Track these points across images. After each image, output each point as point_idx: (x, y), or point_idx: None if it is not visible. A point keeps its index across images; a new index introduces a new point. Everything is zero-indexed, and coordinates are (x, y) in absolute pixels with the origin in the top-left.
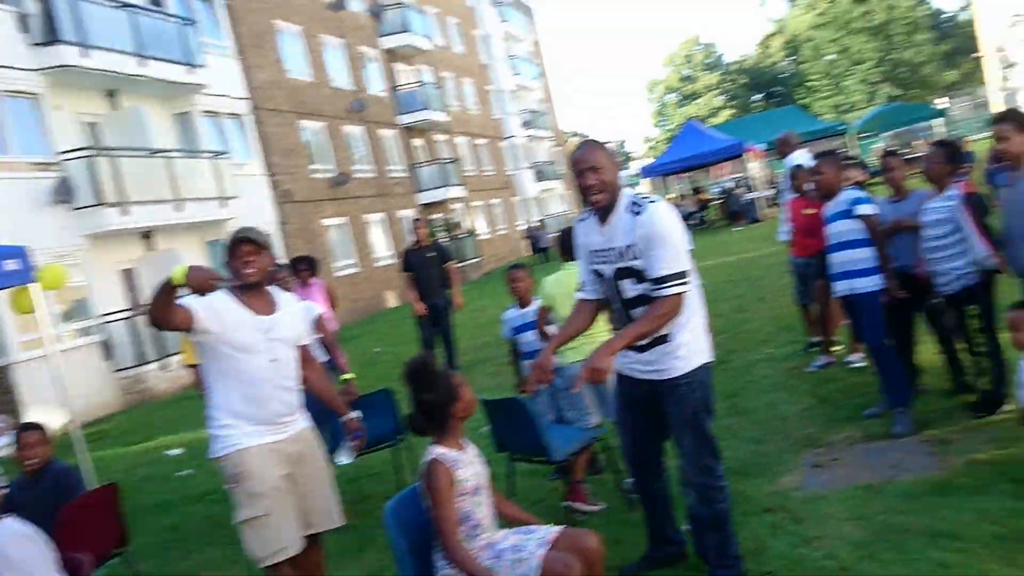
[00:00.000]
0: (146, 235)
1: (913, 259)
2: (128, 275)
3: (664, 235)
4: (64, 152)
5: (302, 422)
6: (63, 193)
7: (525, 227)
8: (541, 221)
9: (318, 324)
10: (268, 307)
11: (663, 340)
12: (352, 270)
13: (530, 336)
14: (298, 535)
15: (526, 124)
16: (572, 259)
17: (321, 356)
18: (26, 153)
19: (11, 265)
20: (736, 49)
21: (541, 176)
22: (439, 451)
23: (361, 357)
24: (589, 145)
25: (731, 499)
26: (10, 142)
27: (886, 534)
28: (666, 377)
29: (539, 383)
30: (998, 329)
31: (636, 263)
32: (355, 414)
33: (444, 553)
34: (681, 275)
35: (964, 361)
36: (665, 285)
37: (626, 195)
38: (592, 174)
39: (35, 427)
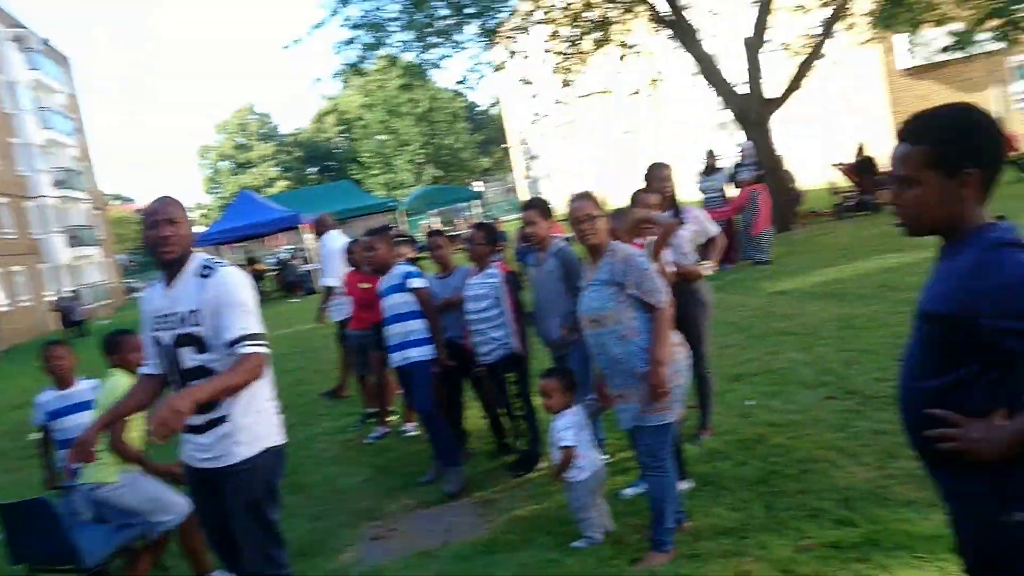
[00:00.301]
0: None
1: (460, 330)
2: None
3: (236, 298)
4: None
5: None
6: None
7: (55, 298)
8: (75, 291)
9: None
10: None
11: (221, 421)
12: None
13: (71, 420)
14: None
15: (59, 183)
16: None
17: None
18: None
19: None
20: (291, 121)
21: (76, 241)
22: None
23: None
24: (167, 199)
25: None
26: None
27: None
28: (223, 465)
29: (79, 462)
30: (532, 394)
31: (198, 330)
32: None
33: None
34: (259, 336)
35: (505, 424)
36: (244, 344)
37: (197, 258)
38: (168, 226)
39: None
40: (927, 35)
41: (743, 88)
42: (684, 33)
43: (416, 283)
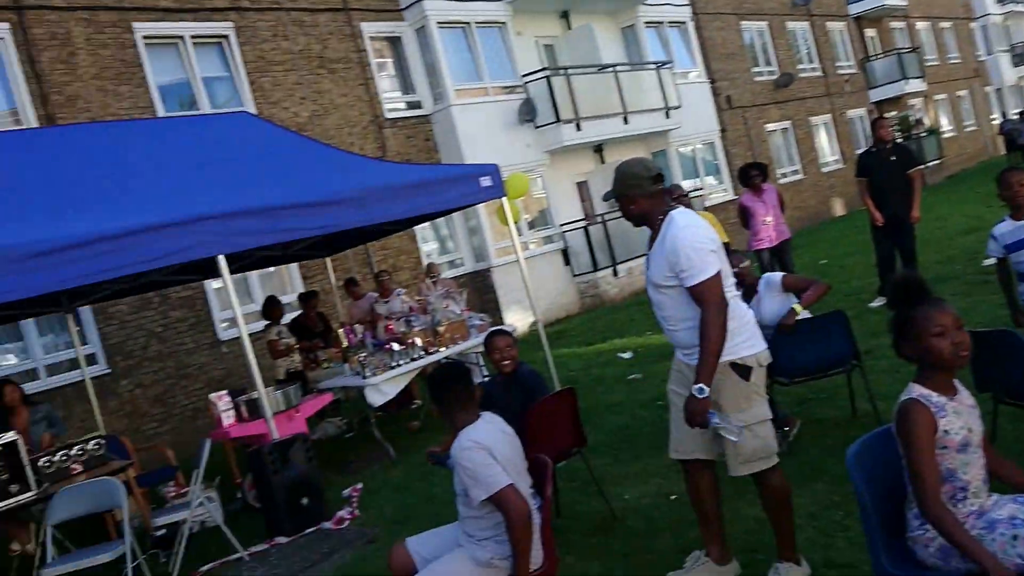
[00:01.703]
0: (597, 148)
1: None
2: (581, 187)
3: None
4: (526, 75)
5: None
6: (527, 113)
7: (1000, 121)
8: (1021, 114)
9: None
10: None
11: None
12: (796, 177)
13: None
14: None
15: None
16: None
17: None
18: (496, 78)
19: (485, 182)
20: None
21: (1021, 60)
22: (921, 391)
23: (806, 269)
24: None
25: None
26: (483, 69)
27: None
28: None
29: None
30: None
31: None
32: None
33: (920, 511)
34: None
35: None
36: None
37: None
38: None
39: (505, 332)
40: None
41: None
42: None
43: None
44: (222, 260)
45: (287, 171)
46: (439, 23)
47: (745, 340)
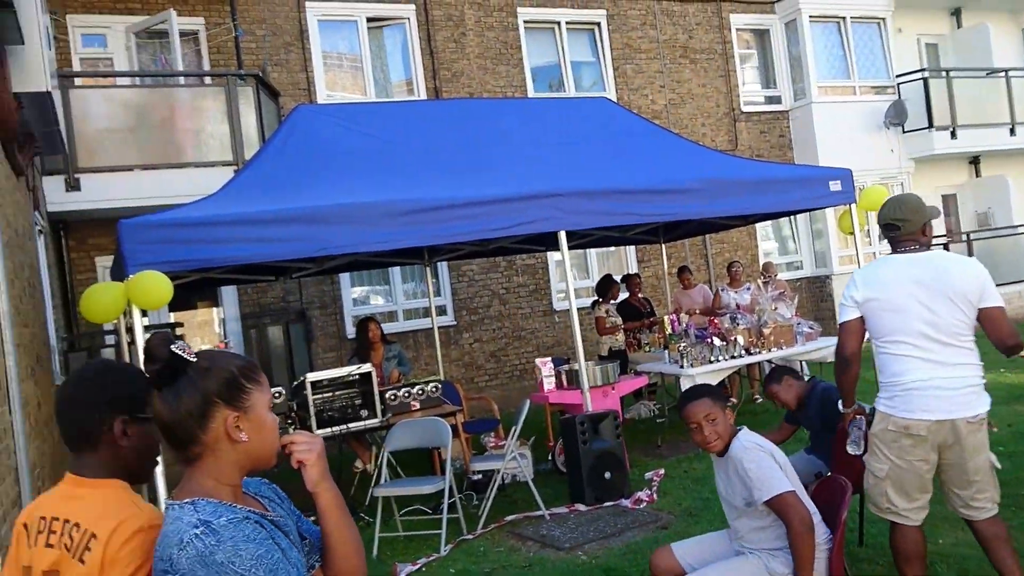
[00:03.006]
0: (972, 160)
1: None
2: (948, 201)
3: None
4: (901, 75)
5: None
6: (895, 116)
7: None
8: None
9: None
10: None
11: None
12: None
13: None
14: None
15: None
16: None
17: None
18: (866, 77)
19: (835, 186)
20: None
21: None
22: None
23: None
24: None
25: None
26: (853, 66)
27: None
28: None
29: None
30: None
31: None
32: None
33: None
34: None
35: None
36: None
37: None
38: None
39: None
40: None
41: None
42: None
43: None
44: (562, 236)
45: (636, 157)
46: (811, 16)
47: None
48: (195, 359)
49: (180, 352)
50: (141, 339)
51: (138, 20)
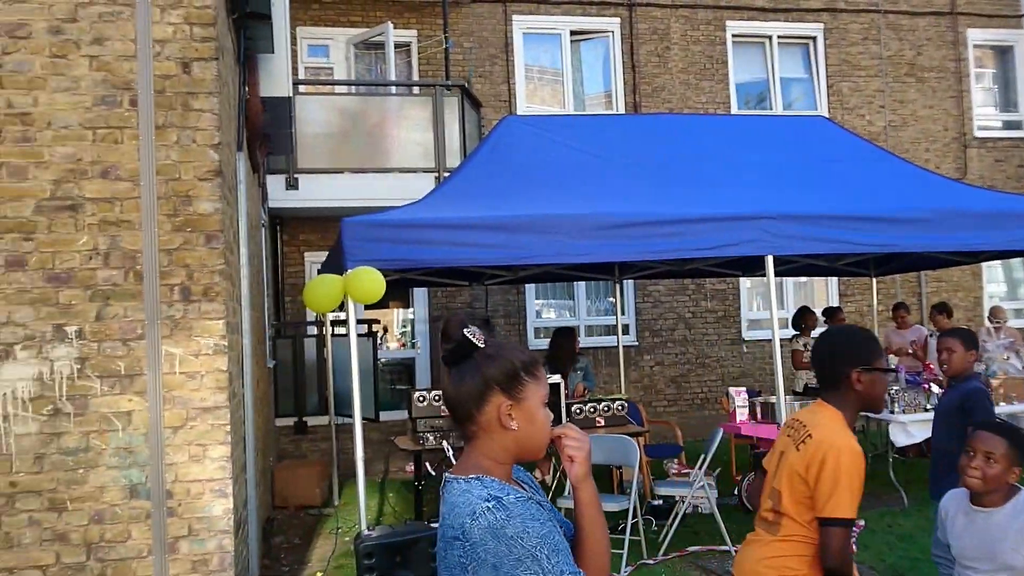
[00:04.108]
0: None
1: None
2: None
3: None
4: None
5: None
6: None
7: None
8: None
9: None
10: None
11: None
12: None
13: None
14: None
15: None
16: None
17: None
18: None
19: None
20: None
21: None
22: None
23: None
24: None
25: None
26: None
27: None
28: None
29: None
30: None
31: None
32: None
33: None
34: None
35: None
36: None
37: None
38: None
39: None
40: None
41: None
42: None
43: None
44: (769, 261)
45: (855, 182)
46: None
47: None
48: (483, 345)
49: (470, 336)
50: (354, 331)
51: (358, 32)
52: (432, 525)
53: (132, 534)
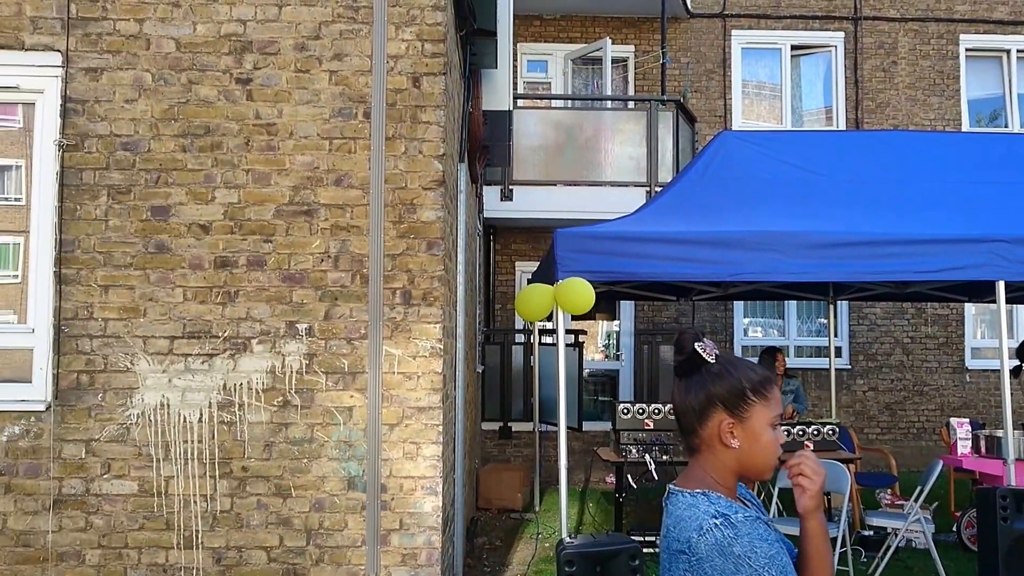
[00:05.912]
0: None
1: None
2: None
3: None
4: None
5: None
6: None
7: None
8: None
9: None
10: None
11: None
12: None
13: None
14: None
15: None
16: None
17: None
18: None
19: None
20: None
21: None
22: None
23: None
24: None
25: None
26: None
27: None
28: None
29: None
30: None
31: None
32: None
33: None
34: None
35: None
36: None
37: None
38: None
39: None
40: None
41: None
42: None
43: None
44: (1000, 286)
45: None
46: None
47: None
48: (712, 360)
49: (700, 350)
50: (563, 341)
51: (576, 48)
52: (634, 538)
53: (348, 524)
